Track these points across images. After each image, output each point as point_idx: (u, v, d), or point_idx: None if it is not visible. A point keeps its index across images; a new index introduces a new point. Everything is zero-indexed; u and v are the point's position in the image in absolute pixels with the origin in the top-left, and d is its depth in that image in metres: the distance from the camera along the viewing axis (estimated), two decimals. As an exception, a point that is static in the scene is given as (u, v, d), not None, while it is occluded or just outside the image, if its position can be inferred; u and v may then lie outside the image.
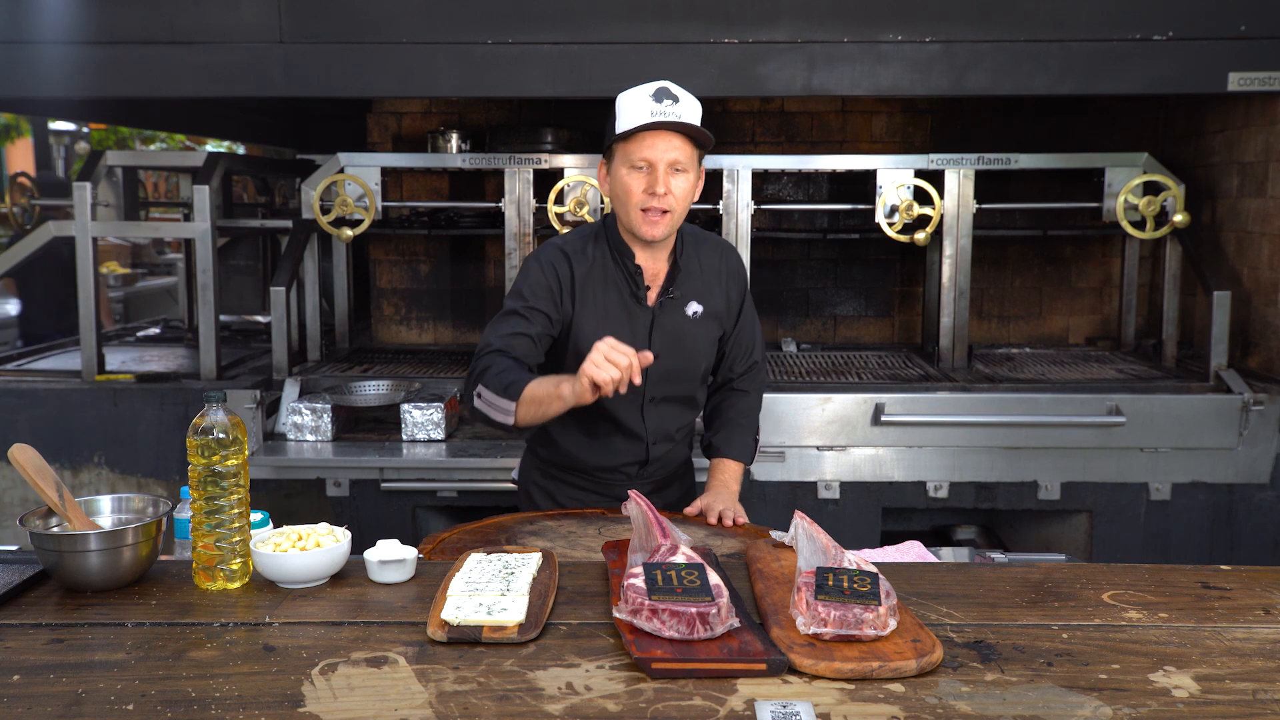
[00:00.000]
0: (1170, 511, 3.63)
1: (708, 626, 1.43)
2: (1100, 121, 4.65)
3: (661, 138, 2.09)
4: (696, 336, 2.26)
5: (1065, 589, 1.69)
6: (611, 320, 2.19)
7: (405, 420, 3.58)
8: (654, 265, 2.23)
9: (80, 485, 3.75)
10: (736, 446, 2.35)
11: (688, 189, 2.14)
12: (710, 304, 2.27)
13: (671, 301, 2.23)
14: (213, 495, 1.66)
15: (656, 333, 2.22)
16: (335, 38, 3.61)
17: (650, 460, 2.33)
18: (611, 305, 2.21)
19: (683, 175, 2.12)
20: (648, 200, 2.10)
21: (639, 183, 2.11)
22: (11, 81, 3.71)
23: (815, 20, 3.59)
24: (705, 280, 2.27)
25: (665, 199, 2.10)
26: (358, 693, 1.32)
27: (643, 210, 2.12)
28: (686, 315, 2.24)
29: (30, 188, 4.64)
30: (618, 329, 2.14)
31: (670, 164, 2.09)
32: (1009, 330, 4.86)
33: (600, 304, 2.20)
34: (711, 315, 2.28)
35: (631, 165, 2.12)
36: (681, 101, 2.10)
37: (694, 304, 2.25)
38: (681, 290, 2.23)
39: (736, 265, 2.35)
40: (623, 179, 2.13)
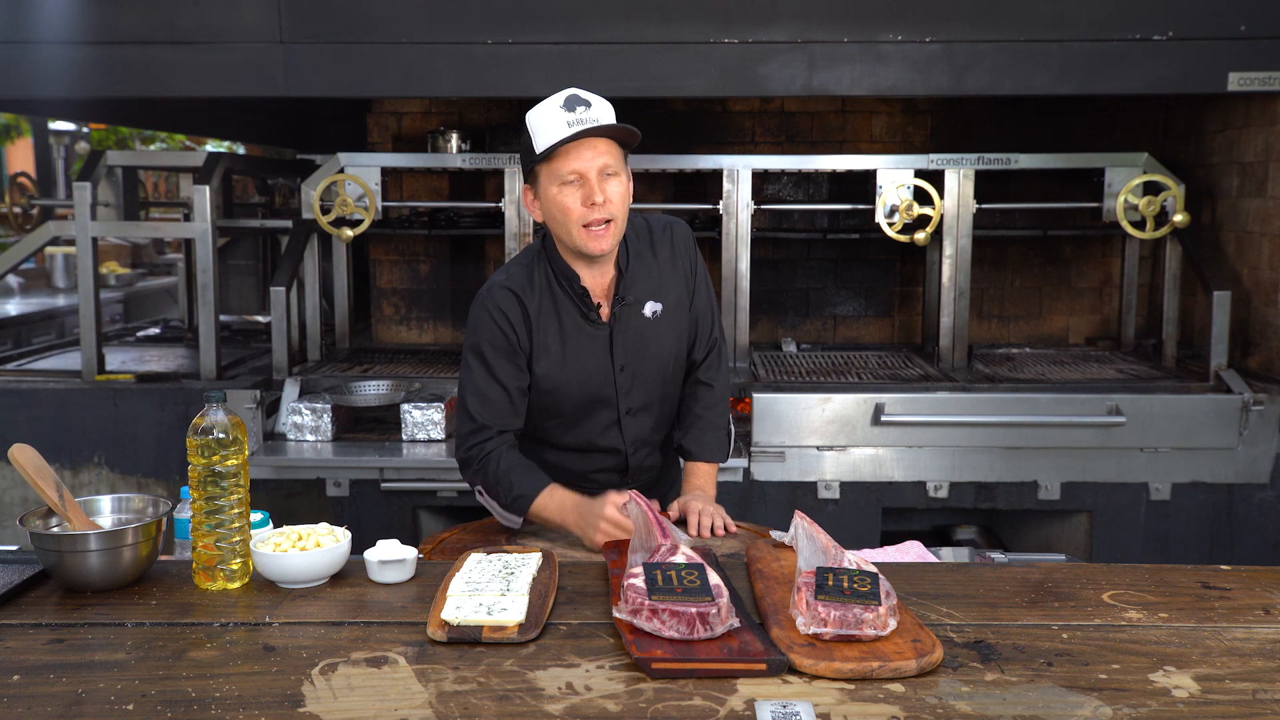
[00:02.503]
0: (1170, 511, 3.63)
1: (708, 626, 1.43)
2: (1100, 121, 4.65)
3: (586, 146, 2.01)
4: (659, 336, 2.18)
5: (1065, 589, 1.69)
6: (570, 348, 2.13)
7: (405, 420, 3.58)
8: (601, 279, 2.15)
9: (80, 485, 3.75)
10: (708, 446, 2.27)
11: (623, 192, 2.05)
12: (669, 296, 2.18)
13: (627, 309, 2.15)
14: (213, 495, 1.66)
15: (617, 347, 2.15)
16: (335, 38, 3.61)
17: (631, 469, 2.28)
18: (568, 332, 2.14)
19: (615, 179, 2.04)
20: (588, 214, 2.01)
21: (573, 198, 2.02)
22: (11, 81, 3.71)
23: (815, 20, 3.59)
24: (659, 274, 2.18)
25: (605, 207, 2.01)
26: (358, 693, 1.32)
27: (585, 226, 2.03)
28: (645, 318, 2.16)
29: (30, 188, 4.64)
30: (577, 354, 2.13)
31: (600, 170, 2.01)
32: (1009, 330, 4.86)
33: (556, 334, 2.13)
34: (673, 308, 2.19)
35: (562, 182, 2.03)
36: (594, 105, 2.02)
37: (651, 303, 2.17)
38: (634, 294, 2.15)
39: (684, 240, 2.23)
40: (555, 198, 2.04)
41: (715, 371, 2.30)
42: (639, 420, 2.23)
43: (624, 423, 2.21)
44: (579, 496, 2.05)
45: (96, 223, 3.89)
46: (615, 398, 2.18)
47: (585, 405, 2.18)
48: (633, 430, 2.23)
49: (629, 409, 2.20)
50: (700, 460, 2.27)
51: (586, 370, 2.14)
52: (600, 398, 2.17)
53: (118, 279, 7.71)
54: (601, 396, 2.17)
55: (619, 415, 2.20)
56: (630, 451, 2.24)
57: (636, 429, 2.23)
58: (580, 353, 2.13)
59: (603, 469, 2.26)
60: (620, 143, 2.06)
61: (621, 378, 2.17)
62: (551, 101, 2.03)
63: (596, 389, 2.16)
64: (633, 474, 2.28)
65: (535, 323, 2.12)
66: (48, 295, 7.57)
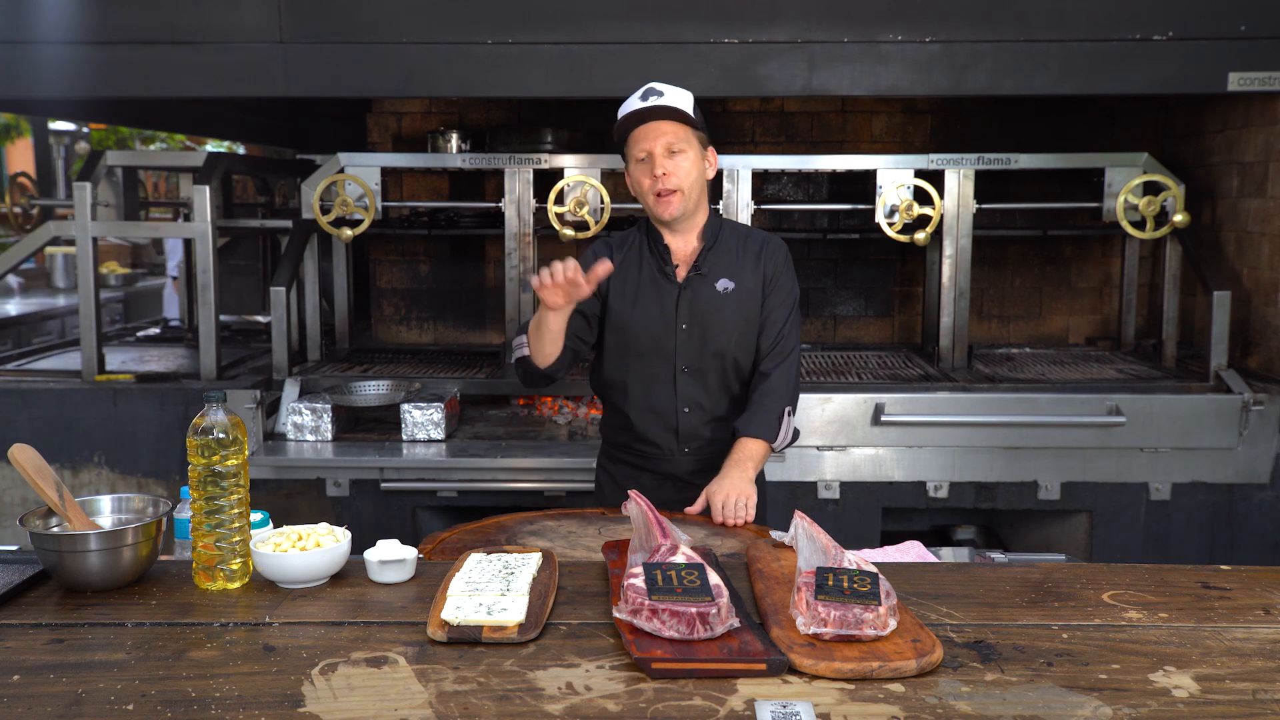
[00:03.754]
0: (1170, 511, 3.63)
1: (708, 626, 1.43)
2: (1100, 121, 4.65)
3: (650, 127, 2.31)
4: (726, 310, 2.39)
5: (1065, 589, 1.69)
6: (641, 294, 2.42)
7: (405, 420, 3.58)
8: (684, 246, 2.43)
9: (80, 485, 3.75)
10: (755, 424, 2.38)
11: (690, 166, 2.33)
12: (743, 281, 2.41)
13: (700, 278, 2.40)
14: (213, 495, 1.66)
15: (683, 305, 2.39)
16: (335, 38, 3.61)
17: (681, 432, 2.44)
18: (643, 282, 2.42)
19: (681, 155, 2.32)
20: (654, 185, 2.32)
21: (644, 173, 2.34)
22: (11, 81, 3.71)
23: (815, 20, 3.59)
24: (739, 260, 2.42)
25: (668, 179, 2.30)
26: (358, 693, 1.32)
27: (655, 195, 2.33)
28: (716, 290, 2.39)
29: (30, 188, 4.64)
30: (646, 300, 2.41)
31: (665, 147, 2.30)
32: (1009, 330, 4.86)
33: (633, 281, 2.43)
34: (745, 291, 2.41)
35: (636, 161, 2.35)
36: (667, 94, 2.31)
37: (724, 280, 2.40)
38: (710, 267, 2.40)
39: (774, 251, 2.46)
40: (633, 175, 2.38)
41: (777, 366, 2.46)
42: (693, 381, 2.43)
43: (679, 380, 2.43)
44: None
45: (96, 223, 3.88)
46: (675, 351, 2.41)
47: (648, 350, 2.42)
48: (686, 389, 2.43)
49: (685, 366, 2.42)
50: (745, 435, 2.37)
51: (652, 316, 2.41)
52: (661, 347, 2.41)
53: (118, 279, 7.71)
54: (662, 346, 2.41)
55: (675, 371, 2.42)
56: (681, 409, 2.44)
57: (690, 389, 2.43)
58: (649, 299, 2.41)
59: (660, 426, 2.46)
60: (691, 124, 2.32)
61: (682, 335, 2.40)
62: (636, 94, 2.34)
63: (659, 337, 2.41)
64: (684, 438, 2.46)
65: (618, 267, 2.41)
66: (48, 295, 7.57)
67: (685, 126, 2.32)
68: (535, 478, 3.45)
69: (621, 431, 2.52)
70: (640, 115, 2.30)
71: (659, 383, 2.44)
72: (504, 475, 3.45)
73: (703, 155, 2.37)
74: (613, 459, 2.59)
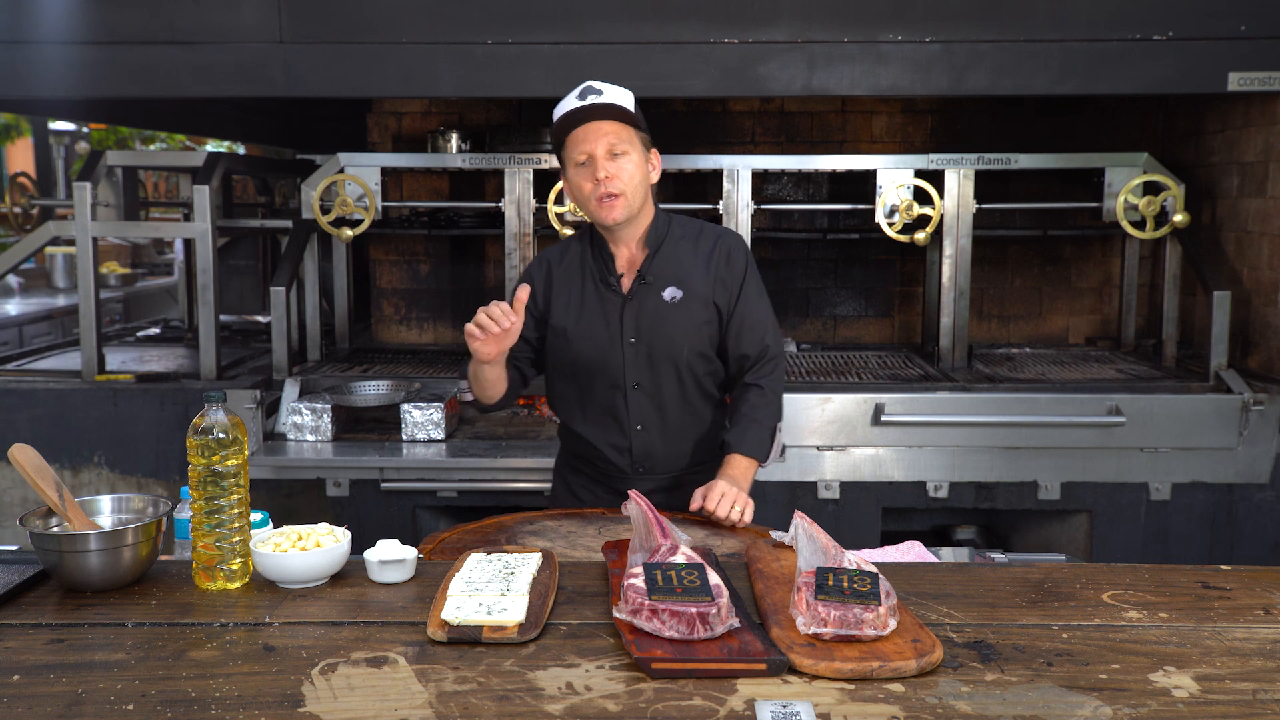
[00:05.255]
0: (1170, 511, 3.63)
1: (708, 626, 1.43)
2: (1100, 121, 4.65)
3: (591, 128, 2.18)
4: (676, 321, 2.28)
5: (1065, 589, 1.69)
6: (585, 308, 2.31)
7: (405, 420, 3.58)
8: (628, 253, 2.31)
9: (80, 485, 3.75)
10: (748, 440, 2.30)
11: (634, 169, 2.21)
12: (693, 287, 2.28)
13: (646, 286, 2.28)
14: (213, 495, 1.66)
15: (628, 317, 2.28)
16: (335, 38, 3.61)
17: (635, 451, 2.33)
18: (586, 294, 2.31)
19: (624, 157, 2.19)
20: (596, 189, 2.19)
21: (585, 176, 2.21)
22: (11, 81, 3.71)
23: (815, 20, 3.59)
24: (688, 264, 2.29)
25: (611, 182, 2.18)
26: (358, 693, 1.32)
27: (597, 200, 2.20)
28: (664, 299, 2.28)
29: (30, 188, 4.64)
30: (590, 315, 2.30)
31: (607, 149, 2.18)
32: (1009, 330, 4.86)
33: (575, 294, 2.32)
34: (695, 298, 2.28)
35: (575, 164, 2.22)
36: (605, 93, 2.19)
37: (672, 288, 2.28)
38: (657, 275, 2.28)
39: (732, 248, 2.33)
40: (573, 179, 2.24)
41: (767, 377, 2.35)
42: (646, 399, 2.32)
43: (629, 395, 2.31)
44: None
45: (96, 223, 3.89)
46: (623, 367, 2.30)
47: (594, 365, 2.31)
48: (638, 407, 2.32)
49: (636, 383, 2.31)
50: (737, 452, 2.30)
51: (597, 330, 2.30)
52: (608, 362, 2.30)
53: (118, 279, 7.71)
54: (610, 361, 2.30)
55: (625, 387, 2.31)
56: (633, 427, 2.32)
57: (642, 407, 2.32)
58: (593, 313, 2.30)
59: (608, 445, 2.36)
60: (634, 125, 2.20)
61: (630, 349, 2.29)
62: (571, 93, 2.21)
63: (605, 352, 2.30)
64: (638, 458, 2.34)
65: (557, 283, 2.34)
66: (48, 295, 7.57)
67: (628, 127, 2.20)
68: (535, 478, 3.45)
69: (576, 443, 2.42)
70: (579, 115, 2.17)
71: (609, 400, 2.33)
72: (504, 475, 3.45)
73: (646, 157, 2.25)
74: (571, 468, 2.48)
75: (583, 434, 2.38)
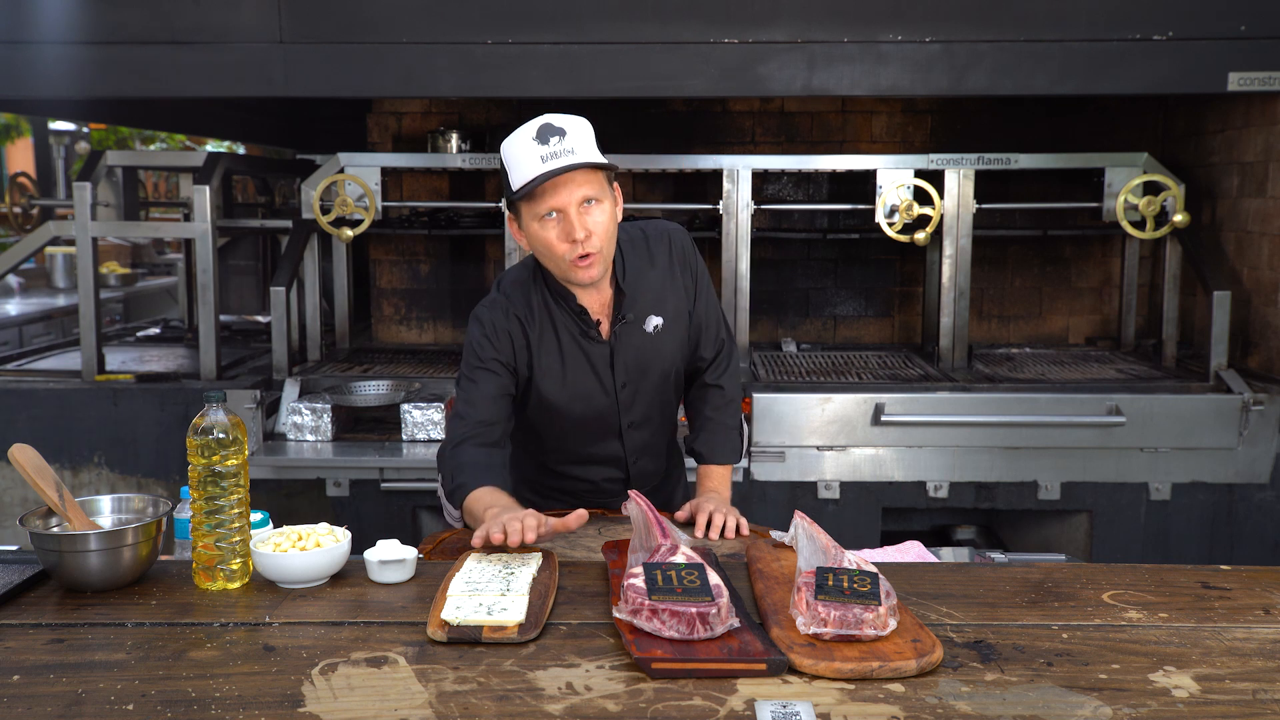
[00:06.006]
0: (1170, 511, 3.63)
1: (708, 626, 1.43)
2: (1100, 121, 4.65)
3: (562, 182, 1.91)
4: (661, 349, 2.15)
5: (1065, 589, 1.69)
6: (571, 367, 2.11)
7: (405, 420, 3.58)
8: (599, 298, 2.10)
9: (80, 485, 3.75)
10: (720, 448, 2.25)
11: (606, 220, 1.97)
12: (669, 309, 2.15)
13: (627, 326, 2.11)
14: (213, 495, 1.66)
15: (618, 364, 2.13)
16: (335, 38, 3.61)
17: (633, 478, 2.29)
18: (567, 351, 2.11)
19: (597, 207, 1.95)
20: (572, 250, 1.94)
21: (555, 233, 1.94)
22: (11, 81, 3.71)
23: (815, 20, 3.59)
24: (659, 286, 2.14)
25: (589, 241, 1.93)
26: (358, 693, 1.32)
27: (572, 261, 1.95)
28: (647, 333, 2.13)
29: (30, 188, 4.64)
30: (578, 374, 2.11)
31: (580, 202, 1.92)
32: (1009, 330, 4.86)
33: (556, 355, 2.11)
34: (673, 319, 2.15)
35: (541, 218, 1.94)
36: (569, 133, 1.91)
37: (653, 318, 2.13)
38: (635, 311, 2.11)
39: (682, 246, 2.17)
40: (538, 234, 1.96)
41: (725, 373, 2.27)
42: (640, 432, 2.23)
43: (625, 435, 2.21)
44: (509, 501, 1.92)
45: (96, 223, 3.89)
46: (617, 413, 2.17)
47: (587, 421, 2.17)
48: (634, 441, 2.23)
49: (631, 423, 2.20)
50: (713, 463, 2.25)
51: (589, 388, 2.13)
52: (602, 414, 2.16)
53: (118, 279, 7.71)
54: (603, 413, 2.16)
55: (621, 429, 2.19)
56: (631, 461, 2.25)
57: (637, 440, 2.23)
58: (581, 371, 2.11)
59: (606, 478, 2.27)
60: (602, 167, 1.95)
61: (623, 394, 2.15)
62: (524, 132, 1.92)
63: (599, 406, 2.15)
64: (635, 481, 2.28)
65: (537, 346, 2.09)
66: (48, 295, 7.56)
67: (595, 172, 1.94)
68: (535, 478, 3.45)
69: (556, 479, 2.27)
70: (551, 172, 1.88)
71: (604, 444, 2.21)
72: (504, 475, 3.45)
73: (612, 196, 2.00)
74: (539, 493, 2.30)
75: (571, 474, 2.26)
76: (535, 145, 1.90)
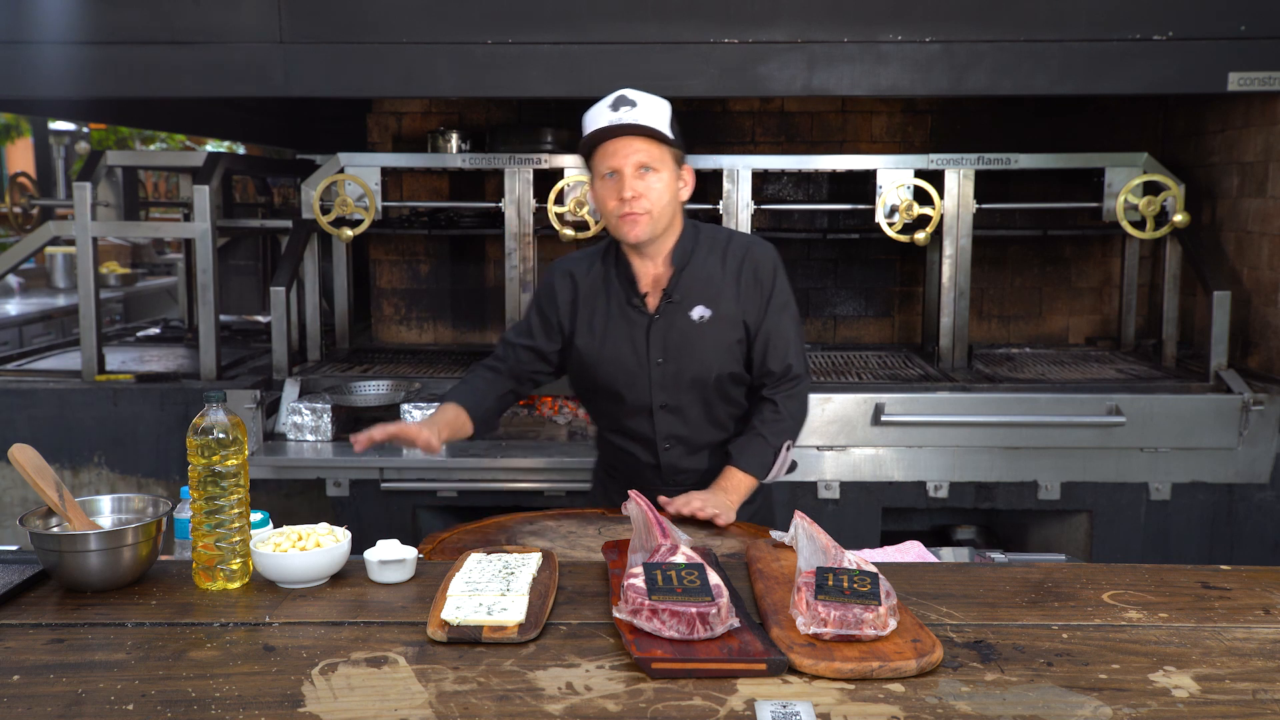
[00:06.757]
0: (1170, 511, 3.63)
1: (708, 626, 1.43)
2: (1100, 121, 4.65)
3: (622, 143, 2.11)
4: (704, 341, 2.22)
5: (1065, 589, 1.69)
6: (610, 329, 2.25)
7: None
8: (653, 270, 2.24)
9: (80, 485, 3.75)
10: (748, 456, 2.24)
11: (663, 188, 2.14)
12: (721, 307, 2.22)
13: (672, 306, 2.22)
14: (213, 495, 1.66)
15: (655, 338, 2.23)
16: (335, 38, 3.61)
17: (664, 466, 2.31)
18: (611, 315, 2.25)
19: (654, 174, 2.13)
20: (620, 207, 2.13)
21: (610, 191, 2.14)
22: (11, 81, 3.71)
23: (815, 20, 3.59)
24: (717, 282, 2.23)
25: (637, 202, 2.11)
26: (358, 693, 1.32)
27: (620, 217, 2.14)
28: (691, 320, 2.22)
29: (30, 188, 4.64)
30: (616, 336, 2.25)
31: (637, 166, 2.11)
32: (1009, 330, 4.86)
33: (600, 314, 2.26)
34: (724, 319, 2.22)
35: (601, 176, 2.16)
36: (640, 105, 2.11)
37: (700, 308, 2.22)
38: (684, 294, 2.22)
39: (759, 263, 2.25)
40: (597, 191, 2.18)
41: (785, 395, 2.28)
42: (673, 418, 2.28)
43: (657, 416, 2.28)
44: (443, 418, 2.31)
45: (96, 223, 3.88)
46: (649, 388, 2.26)
47: (620, 387, 2.27)
48: (665, 426, 2.29)
49: (663, 404, 2.27)
50: (735, 466, 2.24)
51: (622, 353, 2.25)
52: (635, 384, 2.26)
53: (118, 279, 7.71)
54: (636, 383, 2.26)
55: (652, 407, 2.27)
56: (662, 447, 2.31)
57: (670, 426, 2.29)
58: (618, 335, 2.25)
59: (639, 459, 2.35)
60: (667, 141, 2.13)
61: (657, 371, 2.24)
62: (604, 100, 2.14)
63: (632, 374, 2.25)
64: (665, 471, 2.32)
65: (582, 300, 2.28)
66: (48, 295, 7.56)
67: (660, 144, 2.13)
68: (535, 478, 3.45)
69: (610, 453, 2.42)
70: (611, 130, 2.10)
71: (636, 420, 2.30)
72: (504, 475, 3.45)
73: (677, 174, 2.18)
74: (608, 474, 2.47)
75: (616, 444, 2.37)
76: (608, 111, 2.13)
